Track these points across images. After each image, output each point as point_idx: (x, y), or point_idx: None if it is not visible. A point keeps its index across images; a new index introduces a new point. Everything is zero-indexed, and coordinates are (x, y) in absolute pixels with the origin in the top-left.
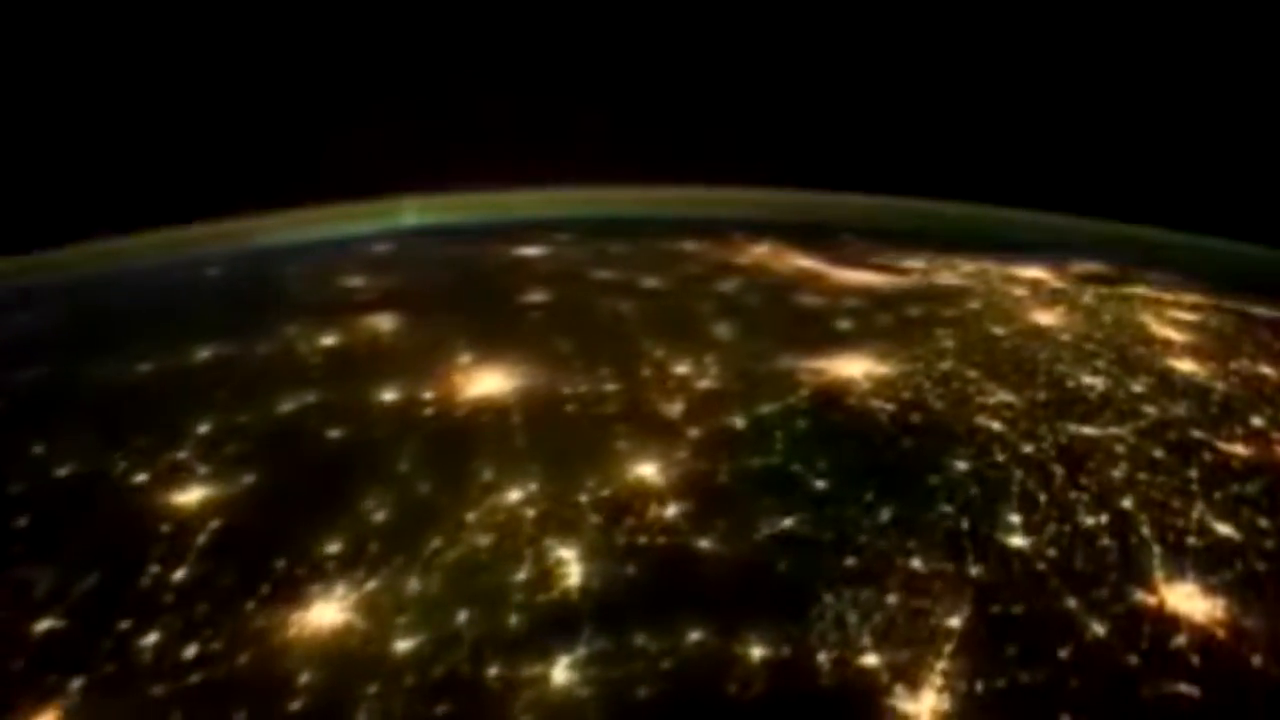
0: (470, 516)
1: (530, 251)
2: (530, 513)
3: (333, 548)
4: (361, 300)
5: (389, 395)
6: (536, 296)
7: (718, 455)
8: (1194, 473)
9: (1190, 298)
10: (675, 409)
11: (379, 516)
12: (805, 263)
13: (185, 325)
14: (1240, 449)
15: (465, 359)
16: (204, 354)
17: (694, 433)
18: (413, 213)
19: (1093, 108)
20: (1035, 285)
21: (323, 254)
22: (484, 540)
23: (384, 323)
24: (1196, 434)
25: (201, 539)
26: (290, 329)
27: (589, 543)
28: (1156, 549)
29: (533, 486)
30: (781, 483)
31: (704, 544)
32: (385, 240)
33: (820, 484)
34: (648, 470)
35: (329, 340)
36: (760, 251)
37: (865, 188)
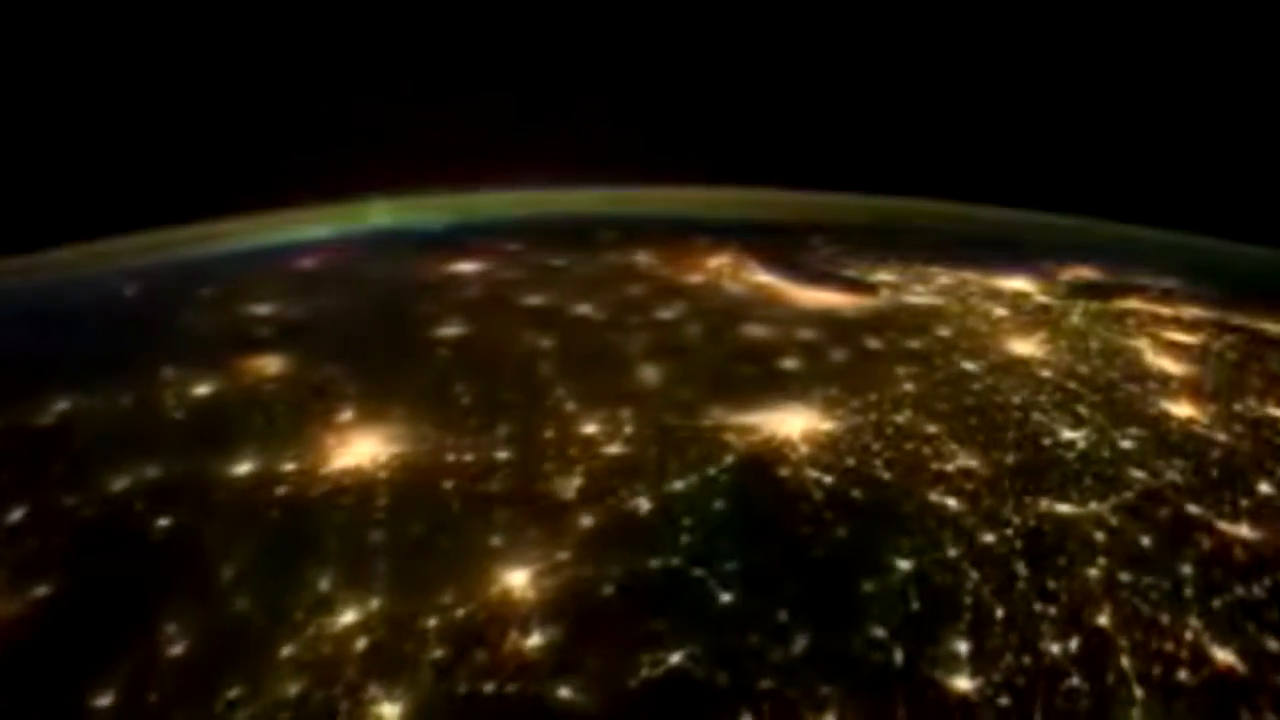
0: (286, 650)
1: (465, 268)
2: (361, 643)
3: (104, 699)
4: (258, 335)
5: (244, 467)
6: (451, 330)
7: (607, 555)
8: (1188, 569)
9: (1192, 311)
10: (571, 486)
11: (176, 649)
12: (763, 278)
13: (55, 367)
14: (1245, 530)
15: (346, 415)
16: (61, 406)
17: (586, 521)
18: (381, 214)
19: (1091, 107)
20: (1017, 301)
21: (249, 269)
22: (293, 688)
23: (271, 365)
24: (1192, 509)
25: None
26: (167, 372)
27: (420, 693)
28: (1138, 692)
29: (374, 604)
30: (679, 595)
31: (563, 694)
32: (323, 251)
33: (726, 596)
34: (518, 579)
35: (202, 389)
36: (718, 264)
37: (863, 186)
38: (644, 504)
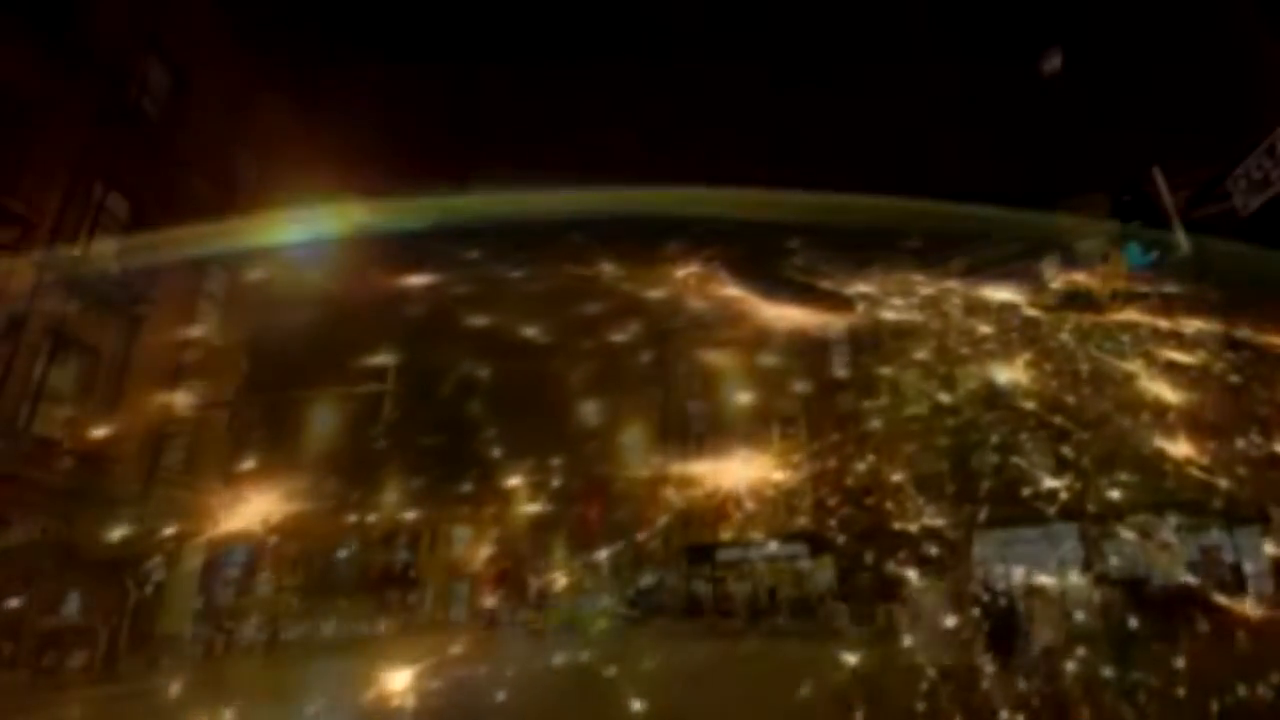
0: None
1: (415, 281)
2: None
3: None
4: (181, 362)
5: (116, 534)
6: (385, 358)
7: (496, 653)
8: (1180, 661)
9: (1194, 322)
10: (480, 557)
11: None
12: (733, 291)
13: None
14: (1248, 609)
15: (249, 464)
16: None
17: (489, 603)
18: (357, 216)
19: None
20: (1004, 315)
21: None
22: None
23: (181, 402)
24: (1187, 579)
25: None
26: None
27: None
28: None
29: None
30: (583, 697)
31: None
32: (278, 259)
33: (637, 706)
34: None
35: (103, 431)
36: (687, 274)
37: (859, 185)
38: (558, 579)
